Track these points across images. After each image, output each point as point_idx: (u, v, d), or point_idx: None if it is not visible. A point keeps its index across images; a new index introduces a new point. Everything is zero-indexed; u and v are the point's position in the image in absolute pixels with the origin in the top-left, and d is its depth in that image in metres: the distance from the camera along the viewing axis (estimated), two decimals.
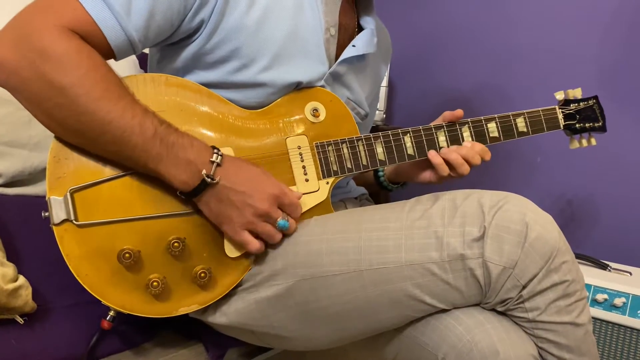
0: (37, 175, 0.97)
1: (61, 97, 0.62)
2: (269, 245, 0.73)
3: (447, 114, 0.86)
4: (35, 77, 0.61)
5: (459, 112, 0.85)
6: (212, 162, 0.67)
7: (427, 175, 0.89)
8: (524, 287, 0.61)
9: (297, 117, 0.80)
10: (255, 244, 0.70)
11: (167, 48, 0.78)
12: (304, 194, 0.77)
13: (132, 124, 0.64)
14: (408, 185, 1.00)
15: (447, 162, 0.83)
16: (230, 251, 0.72)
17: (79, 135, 0.65)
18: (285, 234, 0.72)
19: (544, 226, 0.62)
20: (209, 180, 0.66)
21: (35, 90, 0.62)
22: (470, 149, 0.82)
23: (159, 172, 0.66)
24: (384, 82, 1.53)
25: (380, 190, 1.03)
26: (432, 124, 0.86)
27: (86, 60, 0.63)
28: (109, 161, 0.68)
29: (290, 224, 0.71)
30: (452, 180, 0.86)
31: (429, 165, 0.86)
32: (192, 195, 0.67)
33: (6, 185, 0.92)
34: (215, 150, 0.68)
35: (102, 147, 0.66)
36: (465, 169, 0.82)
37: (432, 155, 0.83)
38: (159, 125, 0.66)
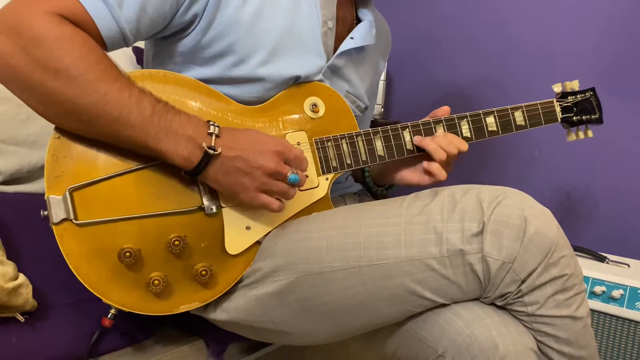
0: (35, 173, 0.97)
1: (56, 80, 0.61)
2: (269, 242, 0.73)
3: (434, 113, 0.86)
4: (27, 63, 0.60)
5: (446, 108, 0.85)
6: (210, 134, 0.66)
7: (414, 176, 0.87)
8: (523, 282, 0.62)
9: (296, 113, 0.80)
10: (275, 203, 0.70)
11: (161, 42, 0.78)
12: (303, 190, 0.77)
13: (129, 103, 0.63)
14: (394, 188, 0.98)
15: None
16: (231, 248, 0.72)
17: (76, 119, 0.64)
18: (298, 187, 0.72)
19: (542, 221, 0.62)
20: (211, 151, 0.65)
21: (28, 76, 0.61)
22: (443, 137, 0.82)
23: (160, 150, 0.65)
24: (382, 76, 1.53)
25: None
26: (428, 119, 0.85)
27: (80, 45, 0.62)
28: (108, 159, 0.68)
29: (300, 176, 0.71)
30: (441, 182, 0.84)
31: (416, 165, 0.85)
32: (197, 173, 0.67)
33: (5, 183, 0.92)
34: (211, 123, 0.68)
35: (100, 129, 0.65)
36: (441, 154, 0.81)
37: (426, 143, 0.81)
38: (157, 103, 0.65)
